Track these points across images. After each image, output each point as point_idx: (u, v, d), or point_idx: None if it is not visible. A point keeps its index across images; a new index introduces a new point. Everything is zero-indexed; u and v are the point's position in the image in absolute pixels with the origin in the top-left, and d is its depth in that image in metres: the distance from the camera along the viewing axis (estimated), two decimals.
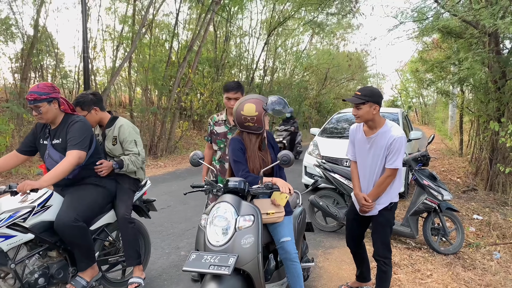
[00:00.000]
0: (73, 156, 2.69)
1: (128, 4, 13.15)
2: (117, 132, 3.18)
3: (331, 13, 16.36)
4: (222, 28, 16.98)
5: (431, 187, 4.45)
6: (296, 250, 2.57)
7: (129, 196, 3.22)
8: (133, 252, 3.15)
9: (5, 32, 10.17)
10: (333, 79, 24.73)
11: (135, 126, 3.34)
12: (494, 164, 7.31)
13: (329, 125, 8.18)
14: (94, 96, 3.17)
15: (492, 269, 4.05)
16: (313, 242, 4.69)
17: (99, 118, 3.20)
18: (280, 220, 2.53)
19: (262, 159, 2.63)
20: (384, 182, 2.87)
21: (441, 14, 7.59)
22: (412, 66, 23.29)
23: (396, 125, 2.89)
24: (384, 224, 2.98)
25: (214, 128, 3.52)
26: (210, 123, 3.57)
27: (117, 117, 3.28)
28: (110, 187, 3.12)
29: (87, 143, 2.83)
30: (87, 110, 3.09)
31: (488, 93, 7.68)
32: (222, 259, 2.04)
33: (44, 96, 2.71)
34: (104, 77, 14.44)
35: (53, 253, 2.82)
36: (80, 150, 2.73)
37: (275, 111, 2.54)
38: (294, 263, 2.55)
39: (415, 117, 43.39)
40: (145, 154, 3.86)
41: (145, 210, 3.58)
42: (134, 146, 3.18)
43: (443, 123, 21.82)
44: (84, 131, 2.81)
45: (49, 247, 2.76)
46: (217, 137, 3.49)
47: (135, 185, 3.33)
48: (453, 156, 12.82)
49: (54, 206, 2.76)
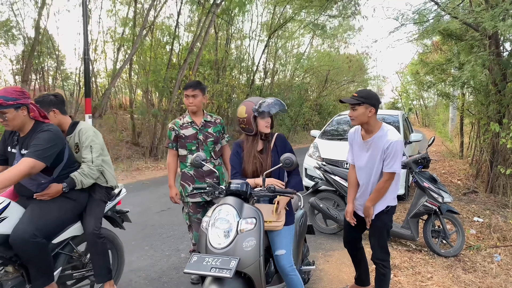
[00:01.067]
0: (25, 164, 2.39)
1: (129, 6, 13.20)
2: (78, 138, 2.92)
3: (332, 15, 16.37)
4: (223, 30, 17.01)
5: (431, 189, 4.45)
6: (291, 263, 2.52)
7: (99, 207, 2.97)
8: (103, 268, 2.91)
9: (6, 34, 10.20)
10: (333, 81, 24.74)
11: (96, 130, 3.05)
12: (494, 166, 7.31)
13: (329, 127, 8.18)
14: (55, 97, 2.94)
15: (493, 272, 4.05)
16: (313, 245, 4.68)
17: (57, 121, 2.91)
18: (277, 229, 2.50)
19: (260, 162, 2.63)
20: (383, 187, 2.88)
21: (442, 17, 7.60)
22: (412, 68, 23.30)
23: (393, 128, 2.89)
24: (381, 228, 2.99)
25: (180, 132, 3.38)
26: (173, 128, 3.40)
27: (78, 122, 3.02)
28: (81, 200, 2.87)
29: (50, 153, 2.54)
30: (45, 111, 2.79)
31: (489, 95, 7.69)
32: (224, 262, 2.03)
33: (11, 102, 2.46)
34: (105, 79, 14.48)
35: (9, 268, 2.59)
36: (37, 159, 2.44)
37: (272, 112, 2.58)
38: (291, 276, 2.51)
39: (415, 119, 43.37)
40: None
41: (118, 221, 3.35)
42: (88, 152, 2.85)
43: (443, 125, 21.82)
44: (50, 141, 2.54)
45: (4, 262, 2.53)
46: (187, 141, 3.37)
47: (107, 195, 3.08)
48: (454, 158, 12.82)
49: (11, 218, 2.51)
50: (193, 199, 3.38)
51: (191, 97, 3.35)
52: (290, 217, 2.65)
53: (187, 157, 3.38)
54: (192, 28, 15.51)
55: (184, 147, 3.39)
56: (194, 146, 3.38)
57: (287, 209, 2.60)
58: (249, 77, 18.72)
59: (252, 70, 18.85)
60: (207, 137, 3.42)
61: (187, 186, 3.40)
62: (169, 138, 3.44)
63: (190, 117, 3.43)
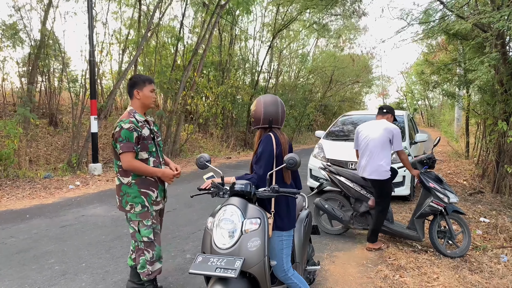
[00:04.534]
0: None
1: (134, 8, 13.26)
2: None
3: (335, 14, 16.36)
4: (227, 31, 17.05)
5: (437, 189, 4.43)
6: (284, 272, 2.45)
7: None
8: None
9: (13, 37, 10.29)
10: (338, 81, 24.72)
11: None
12: (501, 166, 7.26)
13: (334, 128, 8.17)
14: None
15: (499, 272, 4.02)
16: (318, 245, 4.68)
17: None
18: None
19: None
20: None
21: (448, 17, 7.57)
22: (417, 68, 23.22)
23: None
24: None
25: (142, 132, 2.95)
26: (134, 128, 2.90)
27: None
28: None
29: None
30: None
31: (495, 95, 7.64)
32: (229, 262, 2.04)
33: None
34: (110, 81, 14.55)
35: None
36: None
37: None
38: (288, 283, 2.49)
39: (420, 119, 43.20)
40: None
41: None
42: None
43: (449, 125, 21.72)
44: None
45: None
46: (148, 141, 2.99)
47: None
48: (459, 159, 12.74)
49: None
50: (157, 206, 3.06)
51: (154, 91, 3.09)
52: (282, 222, 2.46)
53: (149, 160, 2.99)
54: (196, 30, 15.57)
55: (146, 149, 2.97)
56: (154, 147, 3.05)
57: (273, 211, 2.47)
58: (253, 78, 18.74)
59: (256, 71, 18.87)
60: (157, 137, 3.16)
61: (151, 193, 3.00)
62: (129, 140, 2.87)
63: (140, 115, 3.04)
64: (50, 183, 7.99)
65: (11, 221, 5.51)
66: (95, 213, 5.98)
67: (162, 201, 3.12)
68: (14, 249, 4.41)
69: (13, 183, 7.82)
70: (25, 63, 11.28)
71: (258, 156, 2.51)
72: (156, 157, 3.06)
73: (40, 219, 5.66)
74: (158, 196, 3.06)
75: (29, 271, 3.80)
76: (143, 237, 2.99)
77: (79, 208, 6.29)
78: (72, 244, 4.60)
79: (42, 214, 5.93)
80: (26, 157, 9.13)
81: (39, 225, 5.36)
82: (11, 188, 7.47)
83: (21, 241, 4.69)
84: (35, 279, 3.64)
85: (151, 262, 3.02)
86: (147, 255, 3.01)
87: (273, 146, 2.47)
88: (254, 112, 2.60)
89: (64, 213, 6.00)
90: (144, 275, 3.04)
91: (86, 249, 4.44)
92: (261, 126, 2.58)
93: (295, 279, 2.50)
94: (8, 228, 5.18)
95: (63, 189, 7.67)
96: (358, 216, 4.89)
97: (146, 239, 3.00)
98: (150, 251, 3.01)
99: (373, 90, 37.70)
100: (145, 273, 3.03)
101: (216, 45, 16.66)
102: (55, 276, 3.71)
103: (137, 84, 3.01)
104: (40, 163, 9.48)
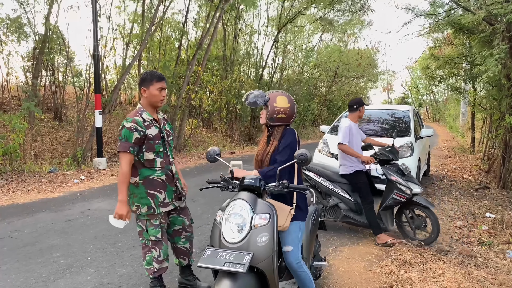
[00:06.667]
0: None
1: (138, 2, 13.22)
2: None
3: (341, 9, 16.23)
4: (232, 25, 16.97)
5: (399, 182, 4.51)
6: (299, 259, 2.47)
7: None
8: None
9: (18, 31, 10.30)
10: (343, 76, 24.60)
11: None
12: (507, 162, 7.20)
13: (339, 123, 8.13)
14: None
15: (506, 268, 4.00)
16: (323, 240, 4.67)
17: None
18: (283, 229, 2.46)
19: (262, 153, 2.68)
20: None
21: (455, 9, 7.49)
22: (422, 63, 23.06)
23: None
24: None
25: (147, 132, 2.84)
26: (135, 127, 2.78)
27: None
28: None
29: None
30: None
31: (502, 89, 7.56)
32: (237, 257, 2.04)
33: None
34: (114, 75, 14.55)
35: None
36: None
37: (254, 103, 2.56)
38: (299, 272, 2.48)
39: (425, 114, 42.97)
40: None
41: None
42: None
43: (454, 120, 21.60)
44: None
45: None
46: (155, 141, 2.89)
47: None
48: (465, 154, 12.68)
49: None
50: (165, 208, 2.97)
51: (164, 90, 2.95)
52: (301, 213, 2.59)
53: (155, 160, 2.90)
54: (200, 24, 15.50)
55: (152, 150, 2.88)
56: (161, 147, 2.95)
57: (295, 203, 2.55)
58: (258, 73, 18.68)
59: (261, 65, 18.80)
60: (168, 136, 3.05)
61: (159, 195, 2.91)
62: (127, 140, 2.77)
63: (149, 114, 2.93)
64: (55, 177, 8.02)
65: (16, 215, 5.54)
66: (100, 207, 6.00)
67: (171, 203, 3.02)
68: (20, 242, 4.44)
69: (19, 177, 7.85)
70: (30, 57, 11.29)
71: (283, 147, 2.53)
72: (164, 158, 2.96)
73: (45, 213, 5.68)
74: (167, 197, 2.97)
75: (35, 265, 3.82)
76: (150, 236, 2.95)
77: (84, 202, 6.31)
78: (77, 238, 4.62)
79: (47, 208, 5.96)
80: (31, 152, 9.16)
81: (45, 219, 5.38)
82: (17, 182, 7.51)
83: (27, 234, 4.71)
84: (41, 272, 3.66)
85: (159, 260, 2.98)
86: (154, 252, 2.97)
87: (297, 140, 2.58)
88: (288, 109, 2.59)
89: (69, 207, 6.03)
90: (150, 272, 3.01)
91: (91, 243, 4.46)
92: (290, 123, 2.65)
93: (306, 269, 2.52)
94: (14, 222, 5.21)
95: (68, 183, 7.70)
96: (329, 209, 4.97)
97: (153, 238, 2.95)
98: (157, 249, 2.96)
99: (378, 85, 37.54)
100: (151, 270, 2.99)
101: (220, 39, 16.60)
102: (61, 269, 3.73)
103: (145, 81, 2.90)
104: (45, 157, 9.52)
